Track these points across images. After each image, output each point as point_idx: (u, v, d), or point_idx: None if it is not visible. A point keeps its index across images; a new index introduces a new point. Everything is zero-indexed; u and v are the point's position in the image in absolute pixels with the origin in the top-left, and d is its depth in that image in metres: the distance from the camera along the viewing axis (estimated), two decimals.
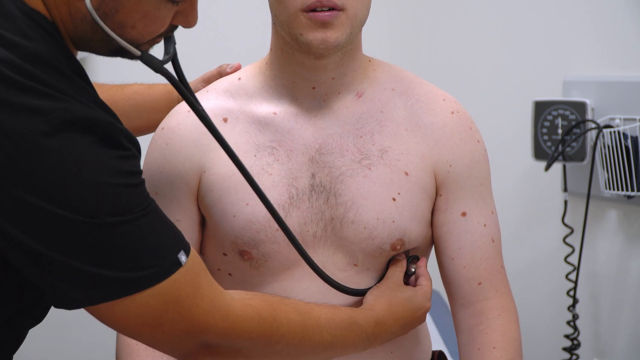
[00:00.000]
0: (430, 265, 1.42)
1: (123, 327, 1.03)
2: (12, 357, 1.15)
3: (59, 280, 0.98)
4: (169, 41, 1.14)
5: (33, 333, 1.29)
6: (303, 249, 1.25)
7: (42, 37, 0.99)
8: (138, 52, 1.07)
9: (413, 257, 1.36)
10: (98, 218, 0.96)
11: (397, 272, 1.33)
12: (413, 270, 1.35)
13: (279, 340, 1.11)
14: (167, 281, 1.01)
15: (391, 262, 1.34)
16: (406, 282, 1.35)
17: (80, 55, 2.48)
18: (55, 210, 0.94)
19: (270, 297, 1.14)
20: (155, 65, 1.10)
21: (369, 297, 1.30)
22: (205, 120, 1.18)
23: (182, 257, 1.03)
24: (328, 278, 1.27)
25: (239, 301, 1.09)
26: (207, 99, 1.35)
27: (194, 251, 1.06)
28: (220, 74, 1.43)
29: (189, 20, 1.10)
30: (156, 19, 1.05)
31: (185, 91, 1.16)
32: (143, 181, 1.03)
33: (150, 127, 1.49)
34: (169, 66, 1.16)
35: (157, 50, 1.13)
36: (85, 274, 0.97)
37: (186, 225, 1.33)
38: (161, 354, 1.31)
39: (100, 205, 0.96)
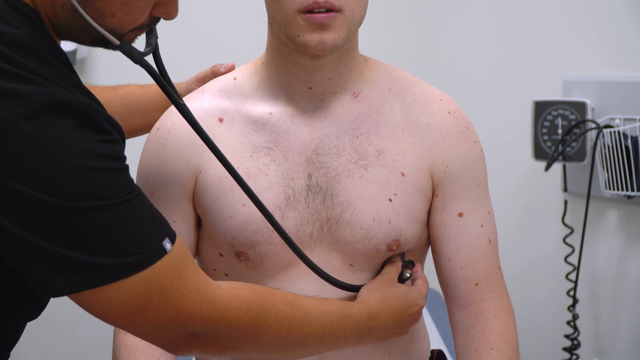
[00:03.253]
0: (427, 266, 1.42)
1: (107, 315, 1.02)
2: (9, 353, 1.14)
3: (40, 267, 0.97)
4: (151, 34, 1.14)
5: (34, 333, 1.29)
6: (297, 247, 1.25)
7: (24, 24, 0.99)
8: (117, 42, 1.07)
9: (408, 261, 1.36)
10: (78, 202, 0.95)
11: (392, 271, 1.33)
12: (408, 275, 1.35)
13: (267, 331, 1.10)
14: (152, 268, 1.00)
15: (387, 262, 1.34)
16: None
17: (80, 55, 2.50)
18: (35, 194, 0.94)
19: (258, 287, 1.13)
20: (135, 56, 1.10)
21: (362, 291, 1.29)
22: (187, 115, 1.17)
23: (167, 244, 1.02)
24: (324, 273, 1.27)
25: (226, 290, 1.08)
26: (202, 99, 1.35)
27: (180, 239, 1.05)
28: (214, 73, 1.43)
29: (169, 11, 1.09)
30: (135, 8, 1.05)
31: (165, 84, 1.16)
32: (126, 167, 1.03)
33: (144, 128, 1.49)
34: (153, 61, 1.16)
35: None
36: (66, 260, 0.97)
37: (182, 226, 1.33)
38: (159, 354, 1.31)
39: (80, 189, 0.96)
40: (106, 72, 2.44)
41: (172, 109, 1.36)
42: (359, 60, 1.35)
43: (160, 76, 1.16)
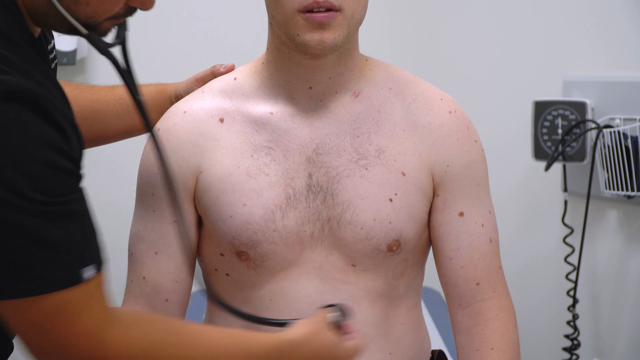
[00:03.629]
0: (428, 266, 1.42)
1: (11, 327, 0.99)
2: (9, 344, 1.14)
3: None
4: (122, 27, 1.12)
5: None
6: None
7: None
8: (85, 31, 1.05)
9: (340, 307, 1.22)
10: (13, 190, 0.92)
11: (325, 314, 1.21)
12: (342, 319, 1.21)
13: None
14: (58, 294, 0.96)
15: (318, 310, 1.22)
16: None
17: (80, 55, 2.50)
18: None
19: (159, 326, 1.04)
20: (101, 47, 1.08)
21: (296, 322, 1.18)
22: (143, 113, 1.14)
23: (86, 273, 0.97)
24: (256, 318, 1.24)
25: (121, 330, 1.01)
26: (203, 99, 1.35)
27: (102, 271, 1.00)
28: (213, 74, 1.43)
29: (145, 2, 1.08)
30: None
31: (127, 78, 1.12)
32: (74, 172, 0.99)
33: (142, 128, 1.49)
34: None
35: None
36: None
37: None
38: None
39: (17, 177, 0.92)
40: (106, 72, 2.42)
41: (173, 110, 1.36)
42: (360, 59, 1.35)
43: (124, 69, 1.13)
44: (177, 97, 1.47)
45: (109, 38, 1.10)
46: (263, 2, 1.29)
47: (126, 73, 1.12)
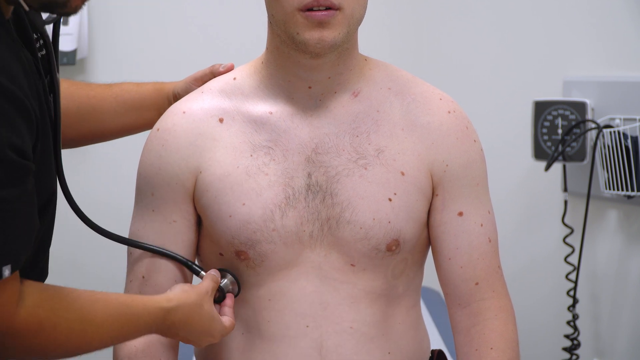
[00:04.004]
0: (427, 265, 1.42)
1: None
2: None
3: None
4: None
5: None
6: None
7: None
8: (27, 7, 1.04)
9: (229, 272, 1.33)
10: None
11: (212, 285, 1.29)
12: (227, 288, 1.32)
13: (55, 348, 1.09)
14: None
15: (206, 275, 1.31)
16: (216, 298, 1.31)
17: (80, 55, 2.50)
18: None
19: (57, 303, 1.09)
20: (37, 23, 1.11)
21: (178, 288, 1.25)
22: (53, 88, 1.16)
23: (6, 271, 1.00)
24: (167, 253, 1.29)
25: (27, 312, 1.06)
26: (203, 99, 1.35)
27: (16, 273, 1.04)
28: (212, 73, 1.43)
29: None
30: None
31: (52, 53, 1.15)
32: (13, 160, 0.99)
33: (139, 126, 1.50)
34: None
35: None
36: None
37: (183, 225, 1.33)
38: (161, 356, 1.32)
39: None
40: (106, 72, 2.45)
41: (172, 110, 1.36)
42: (359, 59, 1.35)
43: (51, 47, 1.15)
44: (175, 96, 1.47)
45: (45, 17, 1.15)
46: (262, 1, 1.29)
47: (50, 49, 1.15)
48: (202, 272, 1.32)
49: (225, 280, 1.32)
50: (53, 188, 1.16)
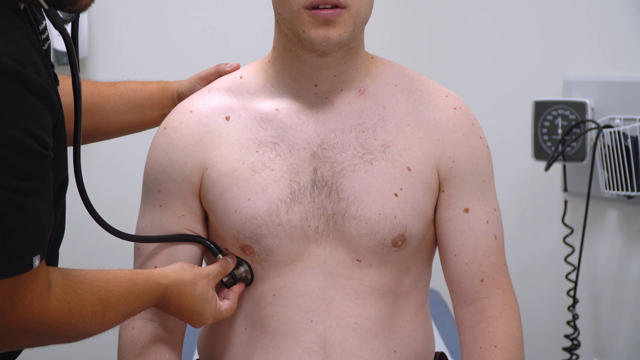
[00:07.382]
0: (434, 263, 1.42)
1: None
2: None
3: None
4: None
5: None
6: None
7: None
8: (46, 5, 1.06)
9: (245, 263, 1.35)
10: None
11: (214, 269, 1.32)
12: (239, 275, 1.34)
13: (81, 331, 1.13)
14: (14, 279, 1.01)
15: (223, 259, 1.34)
16: (226, 282, 1.34)
17: (81, 55, 2.49)
18: None
19: (80, 288, 1.13)
20: (57, 22, 1.11)
21: (177, 265, 1.28)
22: (77, 92, 1.17)
23: (36, 261, 1.03)
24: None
25: (57, 300, 1.09)
26: (210, 98, 1.36)
27: (44, 261, 1.06)
28: (218, 72, 1.43)
29: None
30: None
31: (73, 53, 1.16)
32: (40, 153, 1.01)
33: (143, 124, 1.50)
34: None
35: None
36: None
37: (191, 220, 1.34)
38: (163, 349, 1.32)
39: None
40: (106, 72, 2.44)
41: (179, 108, 1.37)
42: (365, 57, 1.35)
43: (71, 43, 1.16)
44: (180, 95, 1.47)
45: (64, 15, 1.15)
46: (262, 1, 1.29)
47: (71, 47, 1.16)
48: (220, 255, 1.34)
49: (240, 269, 1.33)
50: (64, 178, 1.17)
